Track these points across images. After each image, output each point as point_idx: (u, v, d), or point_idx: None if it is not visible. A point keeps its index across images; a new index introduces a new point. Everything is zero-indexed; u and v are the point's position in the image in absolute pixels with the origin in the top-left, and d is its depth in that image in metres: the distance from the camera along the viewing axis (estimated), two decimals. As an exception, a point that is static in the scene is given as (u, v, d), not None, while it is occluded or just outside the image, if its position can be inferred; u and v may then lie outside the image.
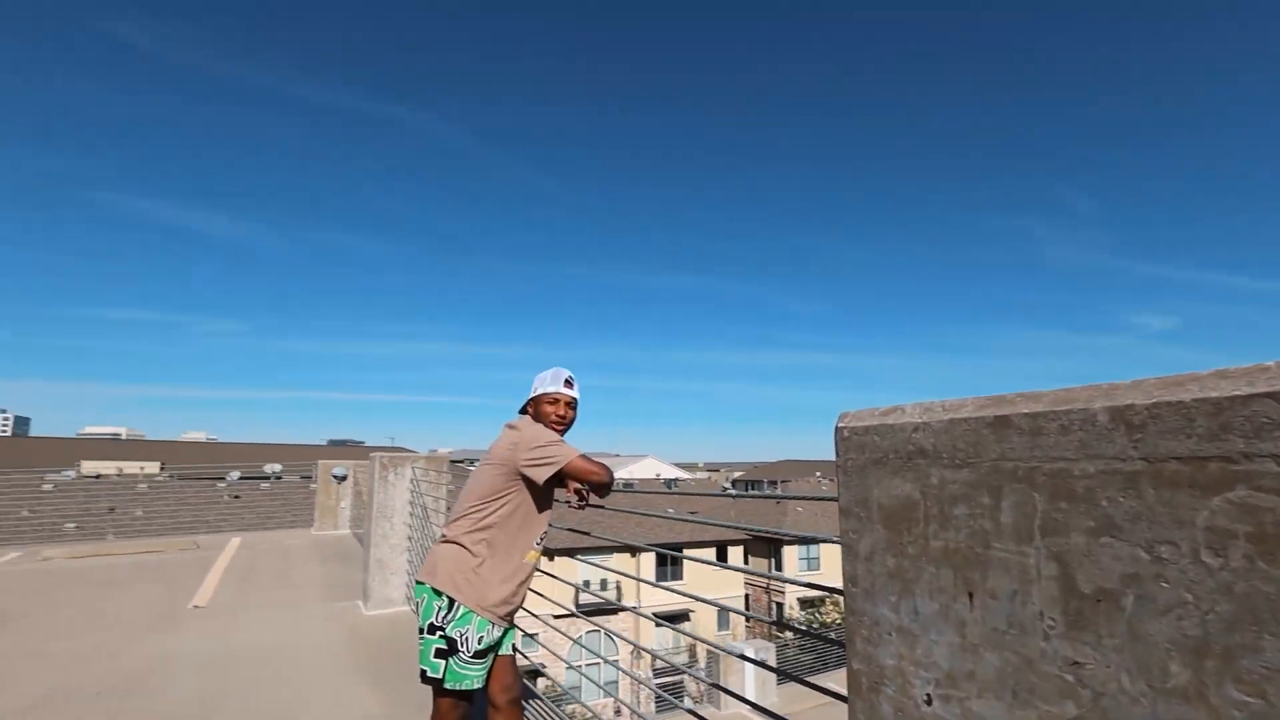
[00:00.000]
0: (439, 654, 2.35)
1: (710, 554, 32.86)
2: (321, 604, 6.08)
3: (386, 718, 3.54)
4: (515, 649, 2.77)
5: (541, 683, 27.05)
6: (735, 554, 33.78)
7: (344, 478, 11.74)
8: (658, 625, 26.97)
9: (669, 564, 32.03)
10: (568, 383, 2.71)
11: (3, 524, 21.07)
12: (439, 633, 2.36)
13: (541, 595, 3.38)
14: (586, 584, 30.15)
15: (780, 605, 34.88)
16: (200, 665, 4.23)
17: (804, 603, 34.06)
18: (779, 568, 35.78)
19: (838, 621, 29.03)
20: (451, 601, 2.38)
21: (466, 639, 2.36)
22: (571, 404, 2.71)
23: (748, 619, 34.67)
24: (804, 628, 4.50)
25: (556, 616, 29.39)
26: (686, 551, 33.18)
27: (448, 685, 2.33)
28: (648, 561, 31.44)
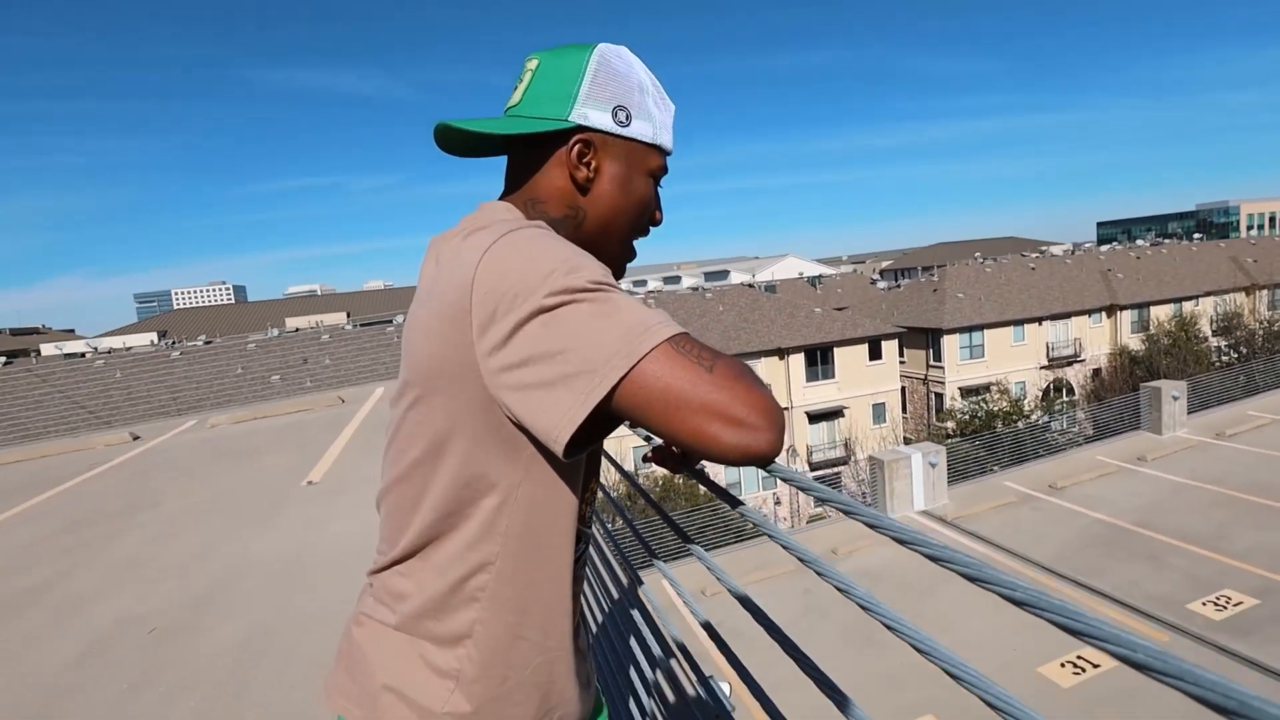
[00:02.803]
0: None
1: (862, 350, 31.49)
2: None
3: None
4: None
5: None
6: (890, 349, 32.14)
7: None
8: (811, 422, 26.80)
9: (819, 364, 31.18)
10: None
11: (222, 382, 24.10)
12: None
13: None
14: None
15: (940, 396, 33.44)
16: (272, 577, 4.01)
17: (966, 392, 32.35)
18: (937, 358, 33.85)
19: (1006, 410, 27.32)
20: None
21: None
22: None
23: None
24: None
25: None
26: (837, 351, 32.19)
27: None
28: (797, 364, 30.75)
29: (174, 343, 31.37)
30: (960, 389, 32.82)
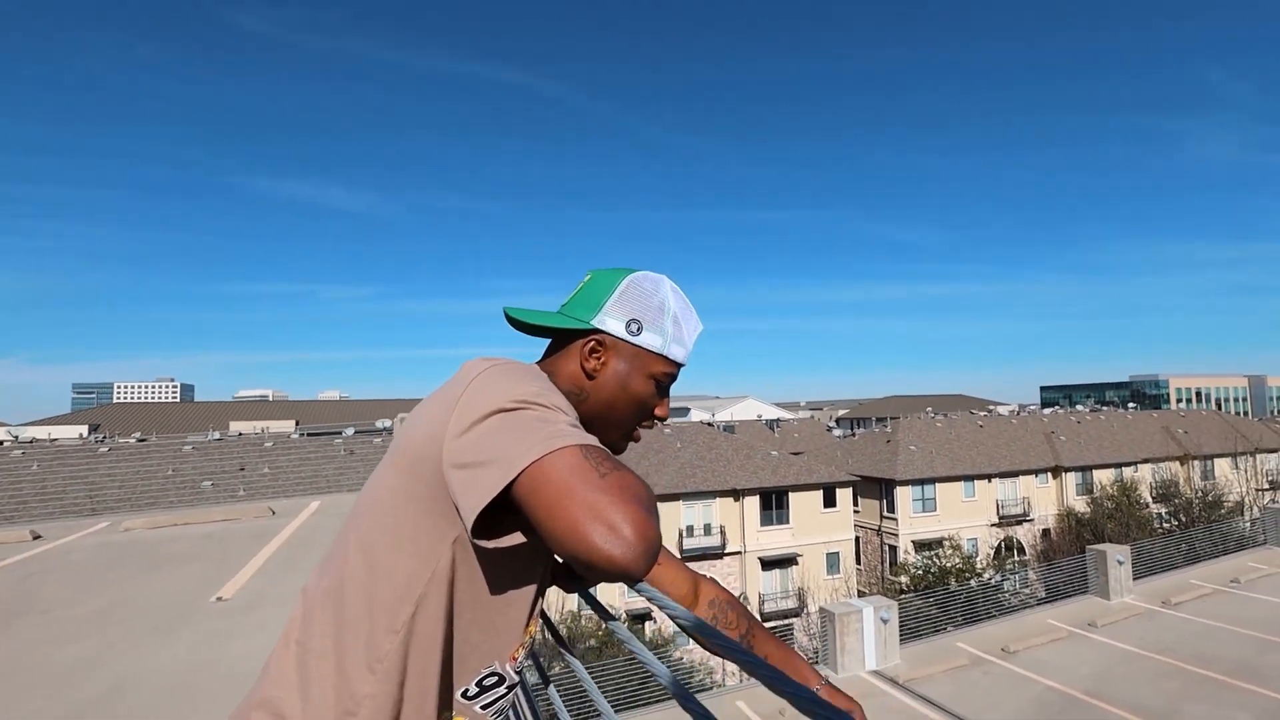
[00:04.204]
0: None
1: (817, 497, 31.44)
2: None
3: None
4: None
5: (649, 627, 27.15)
6: (844, 497, 32.17)
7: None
8: (764, 569, 26.16)
9: (774, 507, 30.91)
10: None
11: (149, 484, 22.74)
12: None
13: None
14: (690, 529, 29.62)
15: (894, 549, 33.16)
16: (159, 696, 3.65)
17: (919, 545, 32.18)
18: (891, 510, 33.91)
19: (959, 566, 27.11)
20: None
21: None
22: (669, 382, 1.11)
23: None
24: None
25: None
26: (792, 495, 32.04)
27: None
28: (752, 506, 30.44)
29: (104, 438, 29.77)
30: (914, 542, 32.66)
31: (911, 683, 12.78)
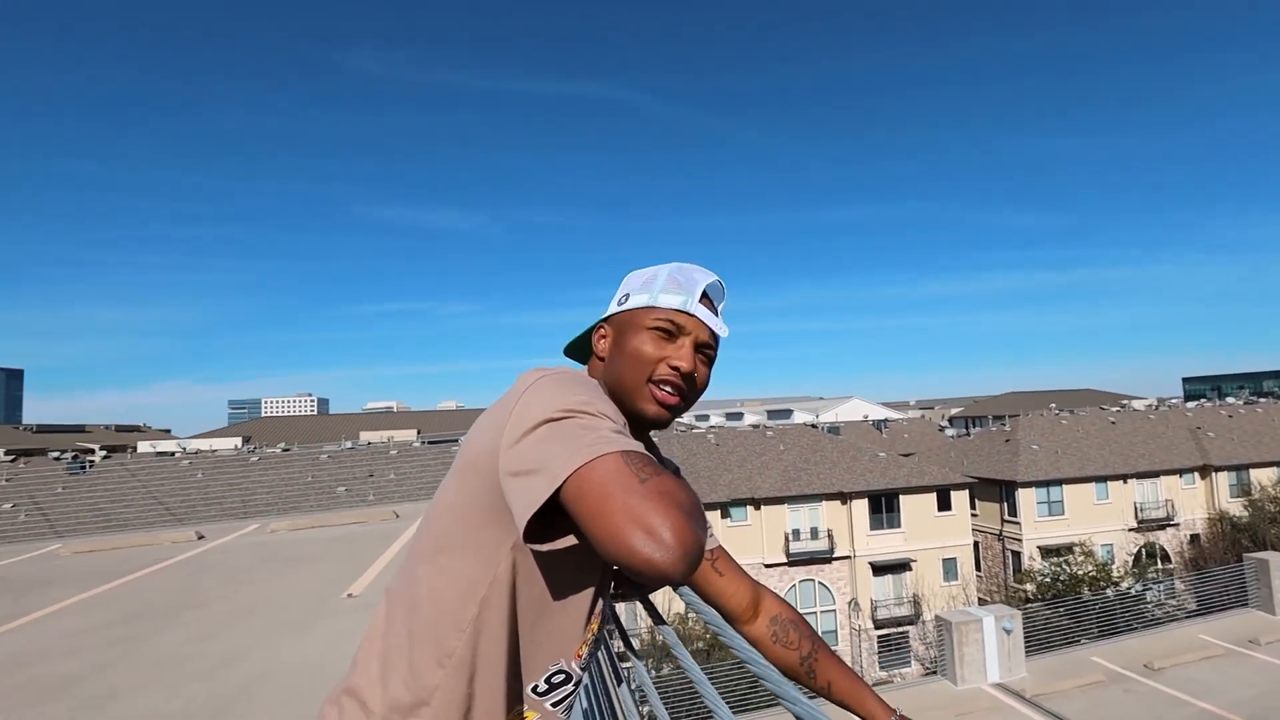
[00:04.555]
0: None
1: (930, 500, 30.03)
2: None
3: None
4: None
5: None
6: (960, 499, 30.54)
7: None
8: (875, 574, 25.23)
9: (884, 510, 29.79)
10: (706, 296, 1.11)
11: (291, 489, 24.89)
12: None
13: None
14: (796, 532, 29.05)
15: (1017, 555, 31.13)
16: (295, 689, 3.97)
17: (1046, 551, 30.05)
18: (1012, 513, 31.85)
19: (1092, 574, 25.13)
20: None
21: None
22: (708, 345, 1.10)
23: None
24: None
25: (766, 565, 28.76)
26: (903, 498, 30.73)
27: None
28: (860, 509, 29.48)
29: (255, 448, 32.82)
30: (1040, 548, 30.51)
31: (1040, 698, 11.99)
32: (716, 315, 1.11)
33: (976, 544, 31.91)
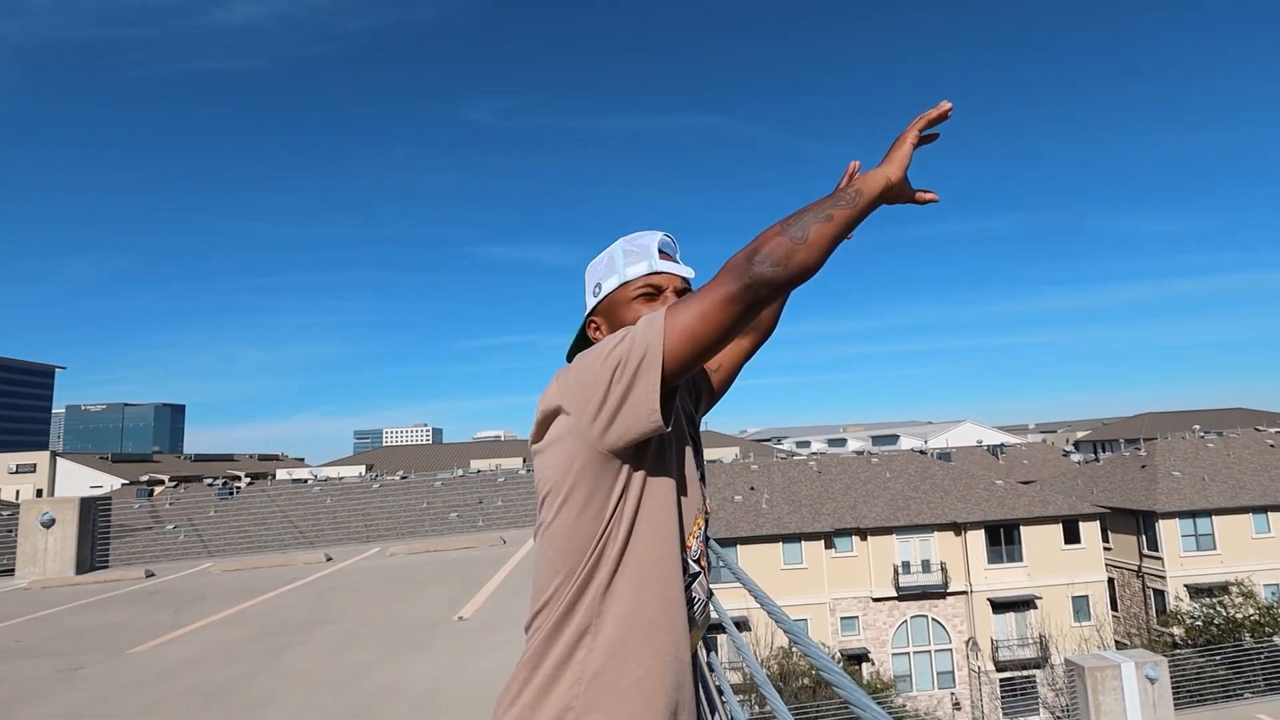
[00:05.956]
0: None
1: (1056, 531, 27.93)
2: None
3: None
4: None
5: (866, 668, 25.63)
6: (1090, 531, 28.21)
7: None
8: (995, 611, 23.66)
9: (1003, 543, 27.97)
10: (663, 252, 1.21)
11: (409, 515, 26.46)
12: None
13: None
14: (906, 565, 27.76)
15: (1160, 594, 28.27)
16: (414, 706, 4.21)
17: (1195, 591, 27.13)
18: (1153, 547, 29.03)
19: (1255, 618, 22.52)
20: None
21: None
22: (685, 290, 1.19)
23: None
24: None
25: (875, 599, 27.55)
26: (1024, 530, 28.77)
27: None
28: (976, 541, 27.82)
29: (377, 476, 35.21)
30: (1187, 586, 27.58)
31: (1190, 757, 10.86)
32: (678, 263, 1.22)
33: (1111, 580, 29.28)
